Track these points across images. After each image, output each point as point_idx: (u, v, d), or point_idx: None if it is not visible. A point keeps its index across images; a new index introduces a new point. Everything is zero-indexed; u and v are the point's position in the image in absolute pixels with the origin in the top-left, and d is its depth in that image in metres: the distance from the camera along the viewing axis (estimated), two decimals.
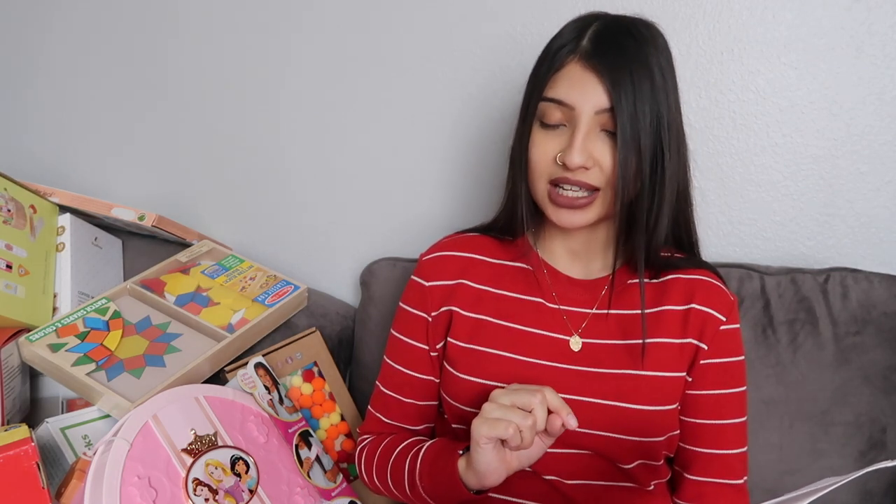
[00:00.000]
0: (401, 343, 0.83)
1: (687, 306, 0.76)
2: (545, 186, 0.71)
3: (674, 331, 0.75)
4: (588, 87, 0.67)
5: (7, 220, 0.88)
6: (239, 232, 1.22)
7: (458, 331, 0.79)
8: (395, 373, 0.84)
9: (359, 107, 1.11)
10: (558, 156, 0.69)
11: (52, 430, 0.77)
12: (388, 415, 0.85)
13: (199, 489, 0.69)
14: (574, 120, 0.68)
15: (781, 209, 1.00)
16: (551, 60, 0.69)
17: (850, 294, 0.91)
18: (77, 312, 0.88)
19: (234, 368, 0.91)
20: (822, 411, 0.89)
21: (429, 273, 0.82)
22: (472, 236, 0.84)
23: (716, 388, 0.76)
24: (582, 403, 0.73)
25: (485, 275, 0.80)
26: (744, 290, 0.93)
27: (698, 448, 0.77)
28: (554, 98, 0.69)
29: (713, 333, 0.75)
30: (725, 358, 0.76)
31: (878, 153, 0.95)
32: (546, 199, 0.72)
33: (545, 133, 0.70)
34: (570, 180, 0.69)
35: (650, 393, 0.73)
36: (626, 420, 0.73)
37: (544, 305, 0.78)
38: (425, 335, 0.82)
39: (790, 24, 0.93)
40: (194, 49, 1.15)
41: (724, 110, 0.98)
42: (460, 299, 0.80)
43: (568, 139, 0.68)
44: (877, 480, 0.89)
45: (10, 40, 1.24)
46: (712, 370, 0.76)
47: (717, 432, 0.76)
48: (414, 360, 0.82)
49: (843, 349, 0.90)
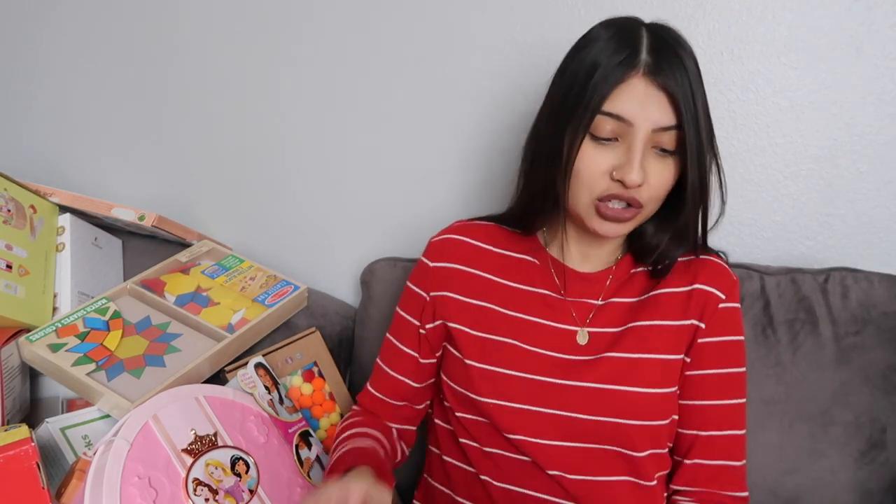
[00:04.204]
0: (398, 318, 0.87)
1: (690, 287, 0.76)
2: (591, 199, 0.70)
3: (674, 313, 0.76)
4: (652, 104, 0.65)
5: (7, 220, 0.88)
6: (239, 232, 1.22)
7: (461, 317, 0.80)
8: (389, 346, 0.87)
9: (359, 107, 1.11)
10: (614, 172, 0.67)
11: (52, 430, 0.77)
12: (376, 386, 0.87)
13: (199, 489, 0.69)
14: (630, 136, 0.66)
15: (781, 209, 1.00)
16: (610, 72, 0.65)
17: (850, 294, 0.91)
18: (77, 312, 0.88)
19: (234, 368, 0.91)
20: (822, 411, 0.89)
21: (435, 254, 0.83)
22: (483, 224, 0.85)
23: (713, 367, 0.76)
24: (588, 389, 0.74)
25: (492, 264, 0.81)
26: (744, 290, 0.93)
27: (697, 431, 0.77)
28: (613, 113, 0.66)
29: (712, 311, 0.76)
30: (723, 336, 0.76)
31: (878, 153, 0.95)
32: (591, 211, 0.70)
33: (597, 147, 0.68)
34: (622, 196, 0.68)
35: (652, 375, 0.74)
36: (631, 403, 0.73)
37: (551, 297, 0.79)
38: (419, 312, 0.83)
39: (790, 24, 0.93)
40: (194, 49, 1.15)
41: (724, 110, 0.98)
42: (462, 285, 0.81)
43: (623, 155, 0.67)
44: (877, 480, 0.89)
45: (10, 40, 1.24)
46: (709, 349, 0.76)
47: (716, 413, 0.76)
48: (405, 335, 0.85)
49: (843, 349, 0.90)
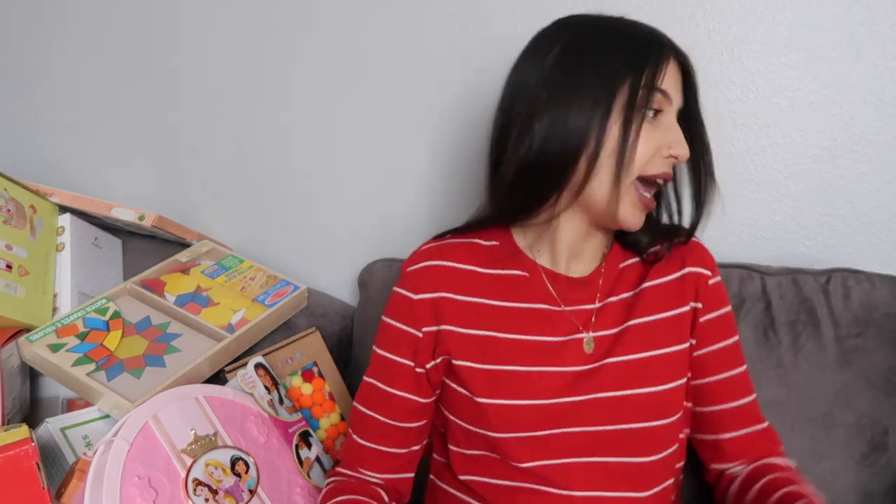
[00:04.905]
0: (383, 360, 0.77)
1: (681, 272, 0.77)
2: (632, 183, 0.68)
3: (671, 302, 0.76)
4: (679, 86, 0.69)
5: (7, 220, 0.88)
6: (239, 232, 1.22)
7: (463, 351, 0.73)
8: (375, 391, 0.77)
9: (359, 107, 1.11)
10: (668, 148, 0.67)
11: (52, 430, 0.77)
12: (365, 436, 0.78)
13: (199, 489, 0.69)
14: (669, 113, 0.68)
15: (781, 209, 1.00)
16: (659, 49, 0.66)
17: (851, 295, 0.90)
18: (77, 312, 0.88)
19: (234, 368, 0.91)
20: (823, 413, 0.89)
21: (417, 285, 0.75)
22: (457, 242, 0.78)
23: (720, 341, 0.77)
24: (602, 400, 0.72)
25: (482, 287, 0.75)
26: (745, 290, 0.93)
27: (721, 406, 0.78)
28: (664, 89, 0.66)
29: (705, 290, 0.77)
30: (719, 310, 0.78)
31: (878, 153, 0.95)
32: (631, 198, 0.68)
33: (653, 124, 0.67)
34: (668, 176, 0.69)
35: (662, 372, 0.73)
36: (645, 405, 0.72)
37: (549, 311, 0.74)
38: (412, 352, 0.75)
39: (790, 24, 0.93)
40: (194, 50, 1.15)
41: (724, 110, 0.98)
42: (457, 315, 0.74)
43: (666, 132, 0.67)
44: (879, 483, 0.89)
45: (12, 42, 1.24)
46: (712, 326, 0.77)
47: (733, 384, 0.78)
48: (395, 378, 0.76)
49: (844, 351, 0.89)
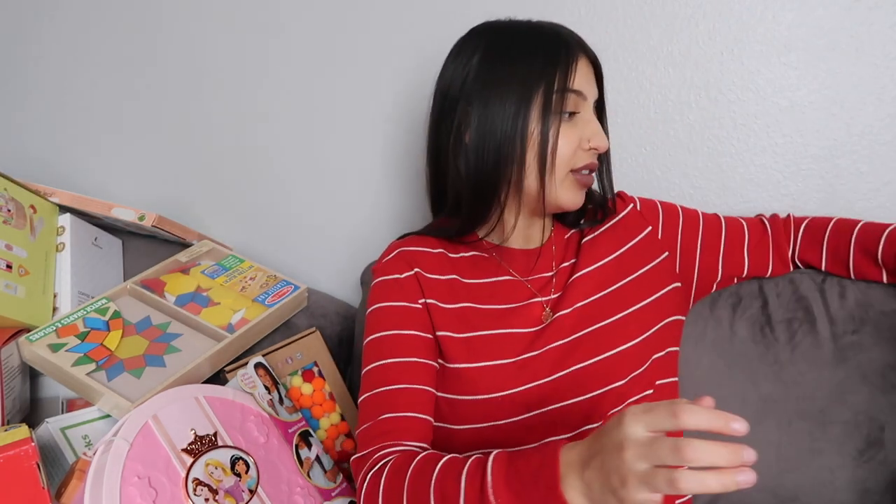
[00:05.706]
0: (390, 338, 0.75)
1: (613, 221, 0.84)
2: (566, 173, 0.74)
3: (610, 248, 0.81)
4: (591, 80, 0.75)
5: (7, 220, 0.88)
6: (239, 232, 1.22)
7: (445, 323, 0.77)
8: (391, 367, 0.74)
9: (358, 107, 1.11)
10: (587, 141, 0.74)
11: (52, 430, 0.77)
12: (396, 408, 0.71)
13: (199, 489, 0.69)
14: (585, 108, 0.74)
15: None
16: (567, 51, 0.72)
17: (847, 293, 0.91)
18: (77, 312, 0.88)
19: (234, 368, 0.91)
20: (820, 410, 0.89)
21: (398, 267, 0.80)
22: (423, 237, 0.84)
23: (695, 234, 0.84)
24: (562, 347, 0.75)
25: (452, 267, 0.82)
26: (742, 289, 0.93)
27: (745, 239, 0.87)
28: (576, 89, 0.72)
29: (646, 213, 0.84)
30: (670, 217, 0.85)
31: (878, 153, 0.95)
32: (567, 184, 0.75)
33: (567, 123, 0.73)
34: (594, 165, 0.76)
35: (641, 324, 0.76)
36: (601, 338, 0.75)
37: (512, 281, 0.81)
38: (419, 322, 0.76)
39: (790, 24, 0.93)
40: (194, 50, 1.15)
41: (724, 110, 0.98)
42: (437, 291, 0.79)
43: (583, 127, 0.74)
44: (875, 479, 0.89)
45: (10, 41, 1.24)
46: (676, 231, 0.84)
47: (734, 228, 0.87)
48: (414, 348, 0.75)
49: (840, 348, 0.90)
